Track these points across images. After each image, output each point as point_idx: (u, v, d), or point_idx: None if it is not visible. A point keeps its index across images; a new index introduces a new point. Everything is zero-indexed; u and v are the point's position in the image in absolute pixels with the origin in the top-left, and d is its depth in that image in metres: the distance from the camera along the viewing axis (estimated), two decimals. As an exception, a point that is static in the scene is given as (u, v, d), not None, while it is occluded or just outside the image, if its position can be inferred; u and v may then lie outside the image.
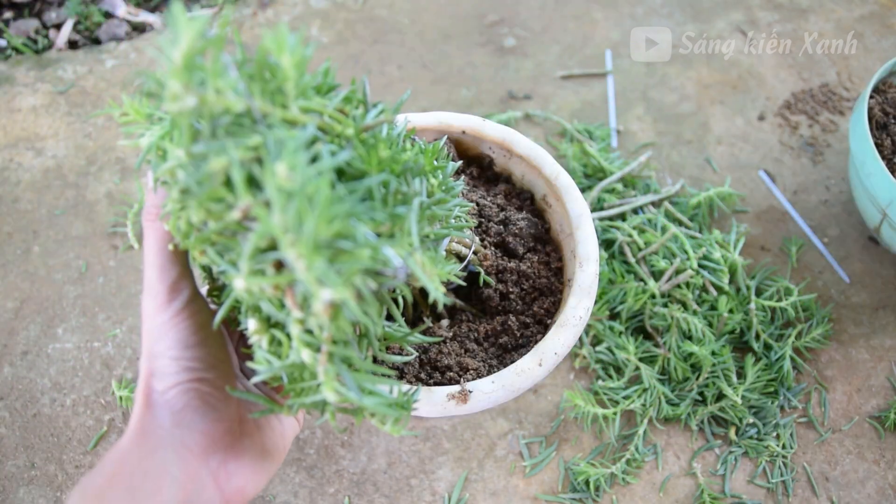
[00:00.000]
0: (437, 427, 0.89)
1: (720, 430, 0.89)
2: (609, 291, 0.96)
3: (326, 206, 0.26)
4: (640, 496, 0.85)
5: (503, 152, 0.75)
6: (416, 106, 1.22)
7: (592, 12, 1.38)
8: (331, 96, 0.36)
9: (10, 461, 0.85)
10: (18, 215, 1.07)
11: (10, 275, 1.01)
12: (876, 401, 0.93)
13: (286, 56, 0.30)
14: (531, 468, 0.86)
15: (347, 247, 0.28)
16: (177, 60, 0.27)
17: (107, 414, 0.89)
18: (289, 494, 0.84)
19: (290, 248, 0.27)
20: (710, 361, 0.88)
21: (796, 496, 0.85)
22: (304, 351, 0.33)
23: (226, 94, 0.28)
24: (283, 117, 0.31)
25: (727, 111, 1.23)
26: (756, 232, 1.07)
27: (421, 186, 0.39)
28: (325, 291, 0.27)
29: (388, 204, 0.34)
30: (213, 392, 0.43)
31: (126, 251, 1.03)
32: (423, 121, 0.73)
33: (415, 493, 0.84)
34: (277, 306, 0.33)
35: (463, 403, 0.55)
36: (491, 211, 0.71)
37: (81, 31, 1.34)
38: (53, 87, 1.23)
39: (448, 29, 1.35)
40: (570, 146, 1.14)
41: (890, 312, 1.00)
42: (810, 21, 1.37)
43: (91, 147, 1.15)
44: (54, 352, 0.94)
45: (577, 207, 0.68)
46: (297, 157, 0.27)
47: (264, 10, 1.37)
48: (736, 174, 1.14)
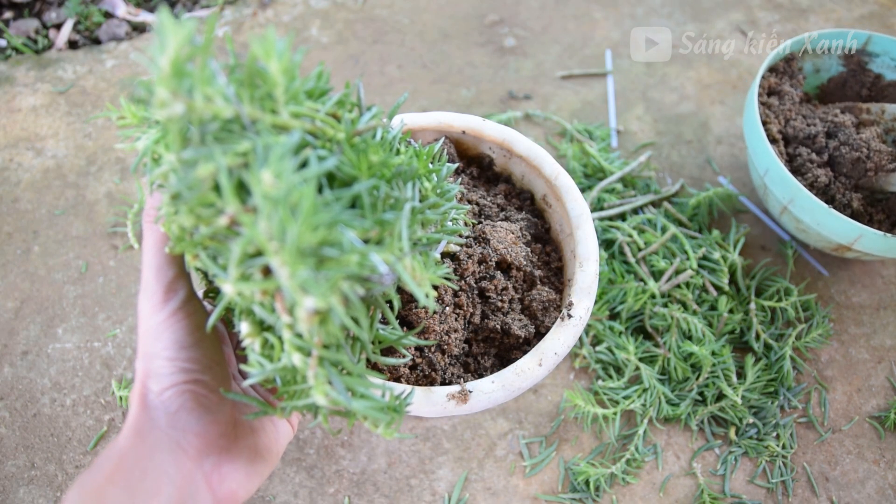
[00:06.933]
0: (437, 427, 0.89)
1: (720, 430, 0.89)
2: (609, 291, 0.96)
3: (310, 213, 0.26)
4: (640, 496, 0.85)
5: (503, 152, 0.75)
6: (416, 106, 1.22)
7: (592, 12, 1.38)
8: (324, 100, 0.36)
9: (10, 461, 0.86)
10: (18, 215, 1.07)
11: (10, 275, 1.01)
12: (876, 401, 0.93)
13: (274, 62, 0.30)
14: (531, 468, 0.86)
15: (333, 254, 0.28)
16: (164, 67, 0.27)
17: (107, 414, 0.90)
18: (289, 494, 0.84)
19: (274, 255, 0.27)
20: (710, 361, 0.88)
21: (796, 496, 0.85)
22: (294, 355, 0.33)
23: (214, 100, 0.28)
24: (273, 123, 0.31)
25: (727, 111, 1.22)
26: (756, 232, 1.07)
27: (413, 191, 0.39)
28: (309, 299, 0.27)
29: (377, 209, 0.34)
30: (208, 394, 0.43)
31: (126, 251, 1.03)
32: (423, 121, 0.73)
33: (415, 493, 0.84)
34: (269, 310, 0.33)
35: (463, 403, 0.55)
36: (491, 211, 0.71)
37: (81, 31, 1.34)
38: (53, 87, 1.23)
39: (448, 29, 1.34)
40: (570, 146, 1.13)
41: (890, 312, 1.00)
42: (810, 21, 1.36)
43: (91, 147, 1.15)
44: (54, 352, 0.94)
45: (577, 207, 0.68)
46: (283, 164, 0.27)
47: (264, 10, 1.37)
48: (736, 174, 1.14)
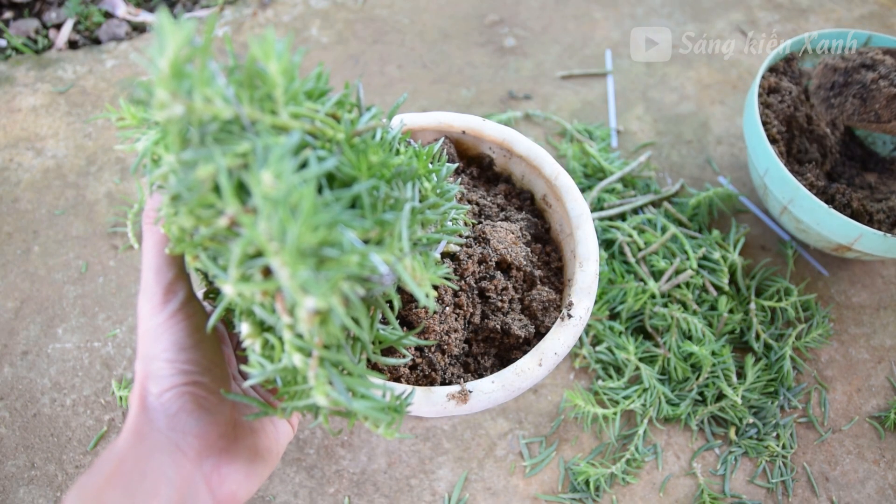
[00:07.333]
0: (437, 427, 0.89)
1: (720, 430, 0.89)
2: (609, 291, 0.96)
3: (311, 214, 0.26)
4: (640, 496, 0.85)
5: (503, 152, 0.75)
6: (416, 106, 1.22)
7: (592, 12, 1.38)
8: (323, 101, 0.36)
9: (10, 461, 0.86)
10: (18, 215, 1.07)
11: (10, 275, 1.01)
12: (876, 401, 0.93)
13: (273, 63, 0.30)
14: (531, 468, 0.86)
15: (333, 254, 0.28)
16: (163, 69, 0.27)
17: (107, 414, 0.90)
18: (289, 494, 0.84)
19: (274, 256, 0.27)
20: (710, 361, 0.88)
21: (796, 496, 0.85)
22: (295, 355, 0.33)
23: (214, 101, 0.28)
24: (272, 123, 0.31)
25: (727, 111, 1.22)
26: (756, 232, 1.07)
27: (413, 191, 0.39)
28: (309, 299, 0.27)
29: (377, 210, 0.34)
30: (208, 396, 0.43)
31: (126, 251, 1.03)
32: (423, 121, 0.73)
33: (415, 493, 0.84)
34: (269, 310, 0.33)
35: (463, 403, 0.55)
36: (491, 211, 0.71)
37: (81, 31, 1.34)
38: (53, 87, 1.23)
39: (448, 29, 1.34)
40: (570, 146, 1.13)
41: (890, 312, 1.00)
42: (810, 21, 1.36)
43: (91, 147, 1.15)
44: (54, 352, 0.94)
45: (577, 207, 0.68)
46: (283, 165, 0.27)
47: (264, 10, 1.37)
48: (736, 174, 1.14)
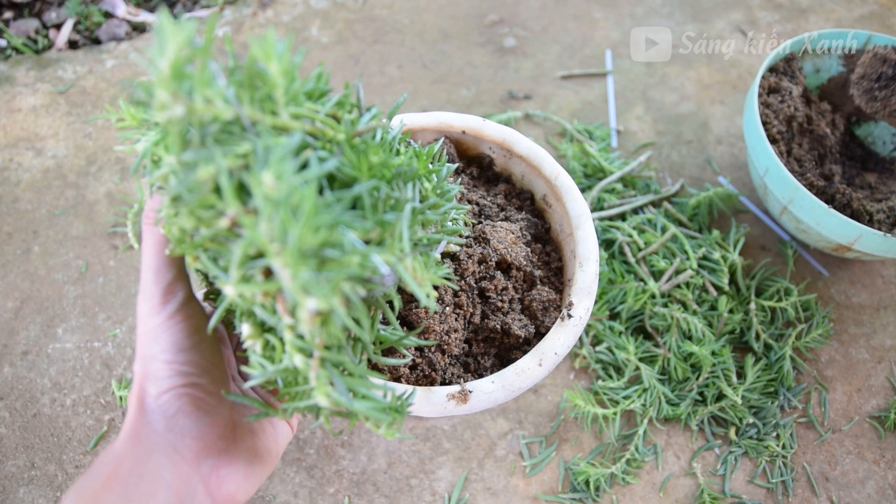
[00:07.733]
0: (437, 427, 0.89)
1: (720, 430, 0.89)
2: (609, 291, 0.96)
3: (312, 215, 0.26)
4: (640, 496, 0.85)
5: (503, 152, 0.75)
6: (416, 106, 1.22)
7: (592, 12, 1.38)
8: (324, 101, 0.36)
9: (10, 461, 0.86)
10: (18, 215, 1.07)
11: (10, 275, 1.01)
12: (876, 401, 0.93)
13: (274, 63, 0.30)
14: (531, 468, 0.86)
15: (334, 255, 0.28)
16: (164, 69, 0.27)
17: (107, 414, 0.90)
18: (289, 494, 0.84)
19: (275, 257, 0.27)
20: (710, 361, 0.88)
21: (796, 496, 0.85)
22: (296, 356, 0.33)
23: (214, 102, 0.28)
24: (273, 124, 0.31)
25: (727, 111, 1.22)
26: (756, 232, 1.07)
27: (413, 191, 0.39)
28: (311, 300, 0.27)
29: (378, 210, 0.34)
30: (207, 397, 0.43)
31: (126, 251, 1.03)
32: (423, 121, 0.73)
33: (415, 493, 0.84)
34: (270, 311, 0.33)
35: (463, 403, 0.55)
36: (491, 211, 0.71)
37: (81, 31, 1.34)
38: (53, 87, 1.23)
39: (448, 29, 1.34)
40: (570, 146, 1.13)
41: (890, 312, 1.00)
42: (810, 21, 1.36)
43: (91, 147, 1.15)
44: (54, 352, 0.94)
45: (577, 207, 0.68)
46: (284, 166, 0.27)
47: (264, 10, 1.37)
48: (736, 174, 1.14)
